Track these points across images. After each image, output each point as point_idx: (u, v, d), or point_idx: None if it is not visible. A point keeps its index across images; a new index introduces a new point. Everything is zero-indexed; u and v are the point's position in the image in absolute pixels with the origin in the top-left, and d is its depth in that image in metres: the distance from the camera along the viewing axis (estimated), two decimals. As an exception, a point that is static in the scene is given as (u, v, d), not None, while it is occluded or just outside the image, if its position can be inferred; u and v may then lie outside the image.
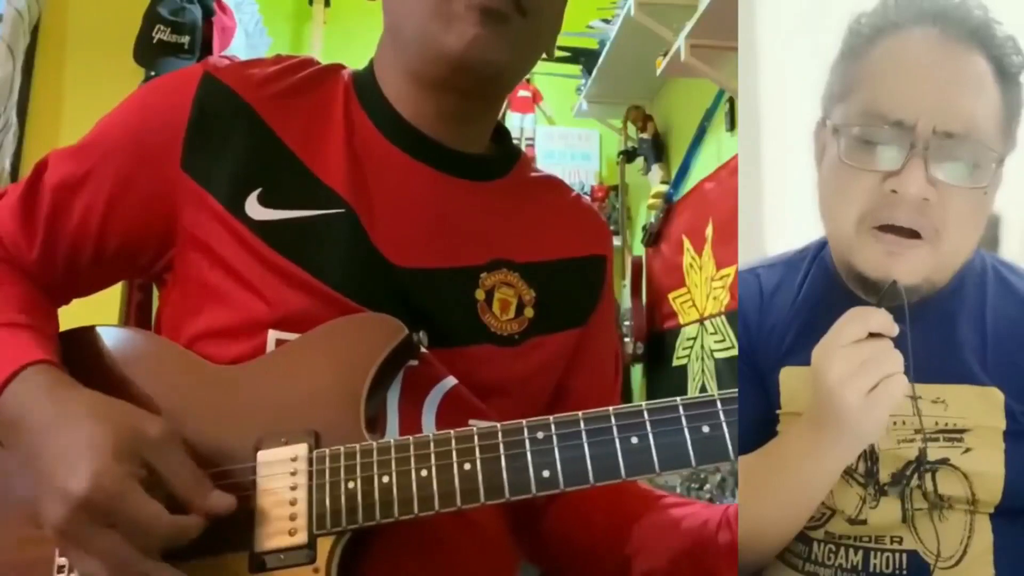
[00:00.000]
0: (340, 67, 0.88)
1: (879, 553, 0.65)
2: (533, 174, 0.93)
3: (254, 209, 0.77)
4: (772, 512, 0.63)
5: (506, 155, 0.90)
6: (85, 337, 0.78)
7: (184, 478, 0.65)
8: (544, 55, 0.87)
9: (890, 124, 0.60)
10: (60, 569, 0.68)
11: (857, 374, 0.57)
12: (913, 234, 0.61)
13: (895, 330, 0.58)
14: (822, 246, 0.69)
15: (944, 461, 0.63)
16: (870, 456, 0.64)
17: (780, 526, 0.64)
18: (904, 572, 0.64)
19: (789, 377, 0.67)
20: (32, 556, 0.69)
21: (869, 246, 0.62)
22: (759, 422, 0.66)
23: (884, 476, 0.64)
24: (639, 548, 0.79)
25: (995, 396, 0.63)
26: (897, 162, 0.60)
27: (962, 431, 0.63)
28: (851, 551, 0.65)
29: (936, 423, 0.63)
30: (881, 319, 0.58)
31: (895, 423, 0.63)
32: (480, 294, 0.81)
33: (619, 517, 0.82)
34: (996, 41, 0.62)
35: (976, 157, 0.61)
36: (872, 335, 0.58)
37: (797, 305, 0.69)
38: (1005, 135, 0.62)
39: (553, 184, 0.95)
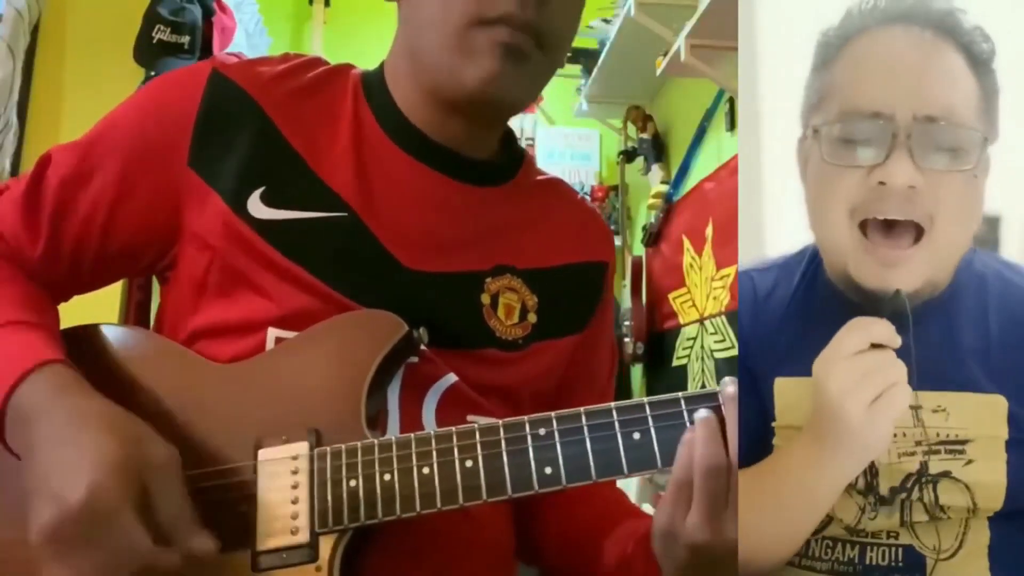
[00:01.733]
0: (349, 67, 0.87)
1: (875, 548, 0.65)
2: (538, 177, 0.94)
3: (257, 208, 0.77)
4: (773, 528, 0.63)
5: (511, 158, 0.90)
6: (85, 336, 0.78)
7: (175, 512, 0.64)
8: None
9: (869, 117, 0.60)
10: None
11: (859, 385, 0.57)
12: (904, 224, 0.60)
13: (897, 341, 0.58)
14: (818, 250, 0.69)
15: (946, 474, 0.63)
16: (870, 470, 0.64)
17: (782, 541, 0.64)
18: (900, 565, 0.64)
19: (784, 388, 0.66)
20: (31, 556, 0.69)
21: (864, 258, 0.61)
22: (755, 433, 0.66)
23: (884, 489, 0.64)
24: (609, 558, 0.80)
25: (998, 404, 0.62)
26: (881, 154, 0.60)
27: (964, 442, 0.62)
28: (847, 546, 0.65)
29: (937, 434, 0.62)
30: (883, 330, 0.58)
31: (895, 435, 0.62)
32: (485, 299, 0.81)
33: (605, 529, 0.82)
34: (963, 31, 0.62)
35: (958, 140, 0.60)
36: (874, 346, 0.58)
37: (792, 311, 0.68)
38: (985, 119, 0.62)
39: (557, 187, 0.95)
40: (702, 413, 0.63)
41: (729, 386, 0.64)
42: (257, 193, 0.77)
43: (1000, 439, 0.62)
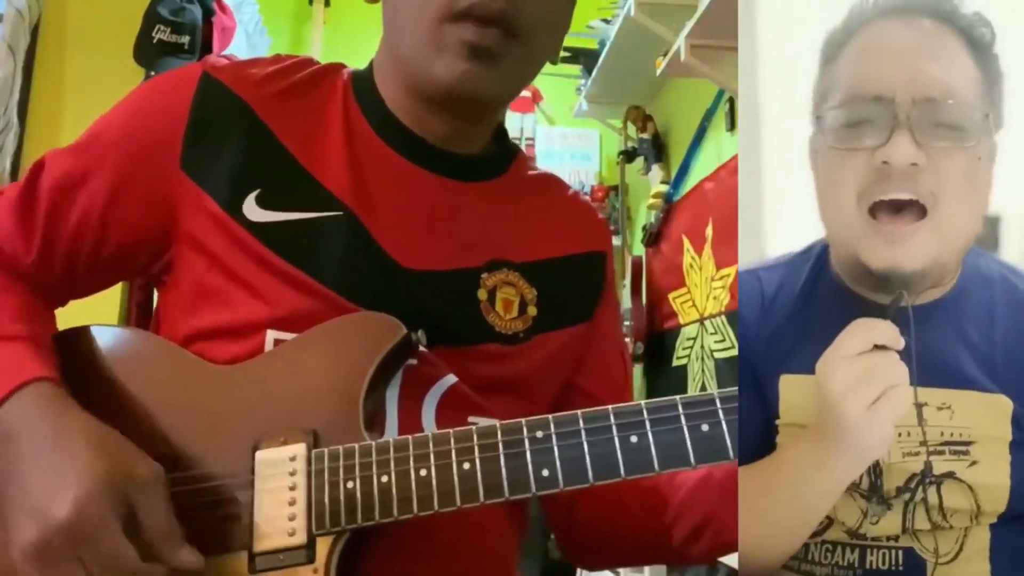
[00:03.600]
0: (340, 67, 0.88)
1: (875, 551, 0.64)
2: (530, 172, 0.93)
3: (252, 211, 0.77)
4: (774, 527, 0.63)
5: (503, 154, 0.90)
6: (83, 337, 0.78)
7: (161, 527, 0.64)
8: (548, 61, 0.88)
9: (870, 101, 0.61)
10: (59, 569, 0.68)
11: (859, 386, 0.56)
12: (910, 207, 0.61)
13: (900, 342, 0.58)
14: (825, 248, 0.69)
15: (950, 475, 0.62)
16: (874, 470, 0.64)
17: (782, 541, 0.64)
18: (900, 569, 0.64)
19: (788, 386, 0.66)
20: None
21: (870, 237, 0.61)
22: (759, 431, 0.66)
23: (888, 490, 0.64)
24: (678, 514, 0.81)
25: (1002, 404, 0.62)
26: (883, 136, 0.61)
27: (968, 443, 0.62)
28: (847, 549, 0.65)
29: (942, 433, 0.62)
30: (886, 331, 0.58)
31: (900, 435, 0.62)
32: (482, 294, 0.81)
33: (650, 492, 0.83)
34: (961, 16, 0.63)
35: (959, 119, 0.61)
36: (877, 347, 0.57)
37: (798, 309, 0.68)
38: (988, 101, 0.63)
39: (550, 182, 0.95)
40: None
41: None
42: (252, 196, 0.77)
43: (1004, 440, 0.62)
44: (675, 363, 2.65)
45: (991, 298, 0.66)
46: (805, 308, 0.68)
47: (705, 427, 0.65)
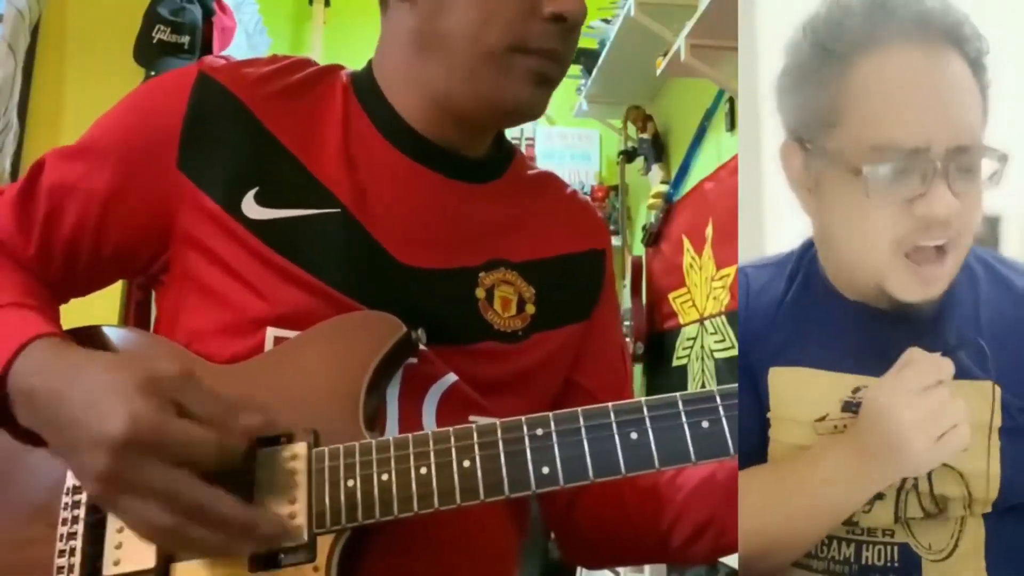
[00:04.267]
0: (338, 68, 0.88)
1: (871, 546, 0.65)
2: (529, 172, 0.94)
3: (251, 208, 0.77)
4: (794, 529, 0.63)
5: (502, 154, 0.91)
6: (84, 336, 0.78)
7: (212, 405, 0.64)
8: None
9: (907, 154, 0.60)
10: (60, 569, 0.68)
11: (929, 421, 0.58)
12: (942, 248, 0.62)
13: (951, 376, 0.60)
14: (808, 247, 0.69)
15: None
16: None
17: (797, 543, 0.64)
18: (896, 564, 0.64)
19: (778, 378, 0.66)
20: (31, 556, 0.69)
21: (902, 274, 0.62)
22: (759, 430, 0.66)
23: None
24: (679, 514, 0.81)
25: (990, 390, 0.63)
26: (920, 185, 0.60)
27: None
28: (843, 544, 0.65)
29: None
30: (947, 368, 0.59)
31: None
32: (480, 293, 0.82)
33: (651, 491, 0.83)
34: (964, 33, 0.62)
35: (979, 162, 0.61)
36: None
37: (785, 307, 0.69)
38: (983, 116, 0.63)
39: (548, 181, 0.96)
40: None
41: None
42: (251, 194, 0.78)
43: (993, 427, 0.63)
44: (675, 363, 2.65)
45: (975, 285, 0.66)
46: (792, 306, 0.68)
47: (705, 424, 0.65)
